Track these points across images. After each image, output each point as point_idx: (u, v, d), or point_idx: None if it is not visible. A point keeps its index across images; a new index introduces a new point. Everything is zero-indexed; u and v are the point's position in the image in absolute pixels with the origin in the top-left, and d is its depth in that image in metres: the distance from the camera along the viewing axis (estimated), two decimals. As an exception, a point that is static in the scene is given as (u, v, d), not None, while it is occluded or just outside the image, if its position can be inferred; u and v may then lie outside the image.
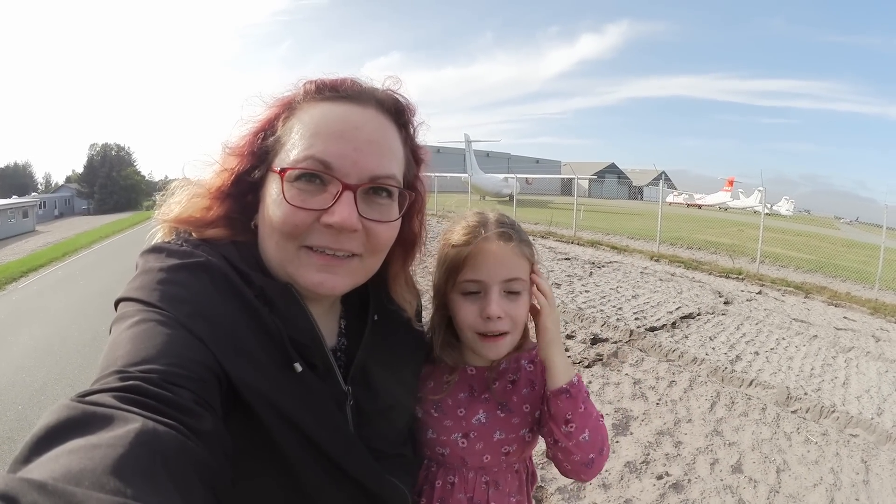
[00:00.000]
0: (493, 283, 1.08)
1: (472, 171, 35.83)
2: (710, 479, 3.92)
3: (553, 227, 20.87)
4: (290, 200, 0.79)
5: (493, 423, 1.15)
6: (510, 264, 1.09)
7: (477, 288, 1.09)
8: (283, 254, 0.82)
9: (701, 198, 63.77)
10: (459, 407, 1.16)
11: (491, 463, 1.15)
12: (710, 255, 15.99)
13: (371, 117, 0.86)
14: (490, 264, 1.08)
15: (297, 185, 0.80)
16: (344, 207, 0.79)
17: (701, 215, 38.98)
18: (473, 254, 1.08)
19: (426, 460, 1.16)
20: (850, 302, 10.77)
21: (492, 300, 1.07)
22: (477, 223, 1.13)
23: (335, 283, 0.84)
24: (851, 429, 4.88)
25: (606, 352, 6.49)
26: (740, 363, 6.34)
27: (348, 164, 0.80)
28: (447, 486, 1.14)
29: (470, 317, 1.09)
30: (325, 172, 0.80)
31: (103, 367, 0.61)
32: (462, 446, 1.13)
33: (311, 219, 0.80)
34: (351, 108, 0.85)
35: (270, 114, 0.87)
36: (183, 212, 0.87)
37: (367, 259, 0.88)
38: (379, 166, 0.84)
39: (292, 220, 0.79)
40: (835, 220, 59.81)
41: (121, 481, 0.42)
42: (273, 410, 0.72)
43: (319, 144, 0.80)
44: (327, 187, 0.81)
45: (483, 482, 1.14)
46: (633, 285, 10.81)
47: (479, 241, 1.09)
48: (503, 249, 1.09)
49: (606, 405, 5.05)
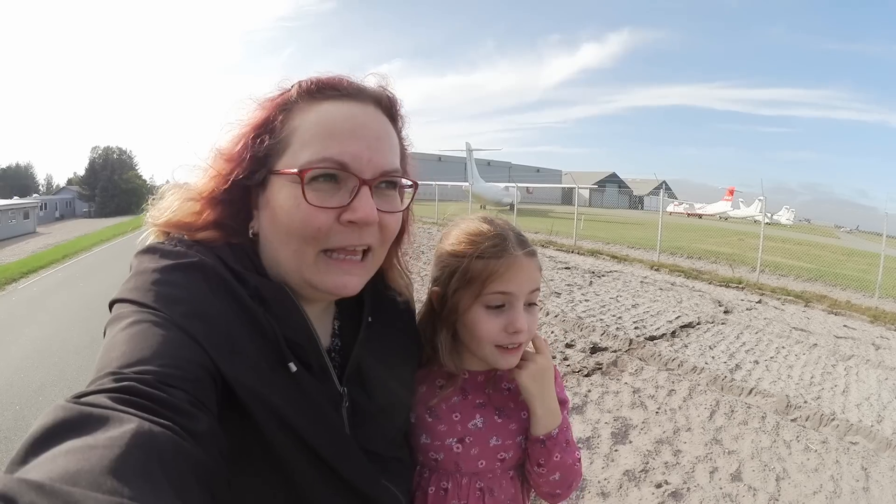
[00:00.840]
0: (520, 297, 1.08)
1: (473, 179, 35.77)
2: (709, 488, 3.90)
3: (553, 236, 20.94)
4: (312, 201, 0.79)
5: (490, 429, 1.14)
6: (534, 277, 1.11)
7: (502, 301, 1.08)
8: (301, 259, 0.83)
9: (701, 207, 63.97)
10: (454, 411, 1.15)
11: (486, 469, 1.14)
12: (710, 264, 15.99)
13: (374, 114, 0.87)
14: (520, 278, 1.08)
15: (315, 186, 0.80)
16: (365, 203, 0.81)
17: (701, 225, 39.01)
18: (505, 266, 1.07)
19: (419, 466, 1.15)
20: (850, 310, 10.78)
21: (519, 314, 1.07)
22: (494, 234, 1.11)
23: (355, 283, 0.86)
24: (851, 436, 4.87)
25: (606, 361, 6.48)
26: (740, 372, 6.34)
27: (364, 163, 0.82)
28: (440, 493, 1.12)
29: (494, 330, 1.08)
30: (342, 171, 0.81)
31: (99, 368, 0.61)
32: (457, 451, 1.12)
33: (332, 219, 0.81)
34: (355, 105, 0.86)
35: (265, 115, 0.85)
36: (173, 216, 0.87)
37: (378, 251, 0.89)
38: (387, 161, 0.86)
39: (315, 223, 0.80)
40: (835, 228, 59.85)
41: (118, 481, 0.42)
42: (267, 410, 0.72)
43: (335, 145, 0.81)
44: (341, 186, 0.82)
45: (477, 488, 1.12)
46: (633, 294, 10.81)
47: (505, 255, 1.08)
48: (527, 262, 1.10)
49: (606, 414, 5.05)
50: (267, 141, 0.84)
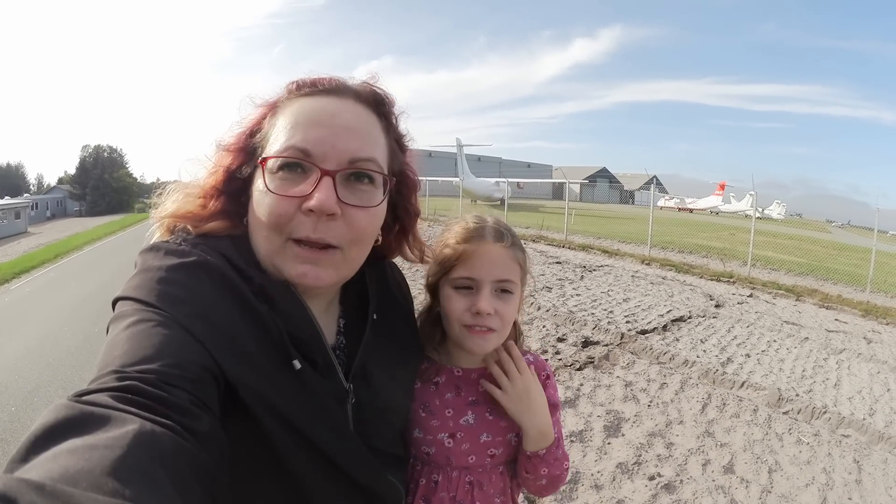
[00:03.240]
0: (485, 282, 1.10)
1: (464, 175, 35.63)
2: (701, 480, 3.94)
3: (544, 230, 20.88)
4: (273, 189, 0.81)
5: (481, 425, 1.16)
6: (503, 266, 1.12)
7: (468, 283, 1.12)
8: (270, 246, 0.84)
9: (692, 202, 63.90)
10: (447, 407, 1.17)
11: (476, 463, 1.16)
12: (701, 258, 16.03)
13: (348, 106, 0.88)
14: (485, 263, 1.11)
15: (280, 175, 0.82)
16: (322, 191, 0.80)
17: (692, 219, 38.99)
18: (468, 252, 1.11)
19: (411, 458, 1.17)
20: (841, 304, 10.85)
21: (483, 296, 1.10)
22: (475, 225, 1.16)
23: (318, 274, 0.84)
24: (843, 429, 4.92)
25: (598, 354, 6.51)
26: (731, 365, 6.38)
27: (327, 149, 0.82)
28: (431, 485, 1.15)
29: (459, 308, 1.11)
30: (304, 160, 0.82)
31: (101, 366, 0.61)
32: (448, 446, 1.14)
33: (294, 207, 0.81)
34: (328, 99, 0.88)
35: (259, 114, 0.91)
36: (179, 208, 0.89)
37: (349, 251, 0.87)
38: (358, 149, 0.85)
39: (277, 210, 0.81)
40: (826, 223, 60.12)
41: (119, 482, 0.43)
42: (271, 411, 0.72)
43: (298, 134, 0.83)
44: (308, 176, 0.82)
45: (467, 482, 1.15)
46: (625, 289, 10.84)
47: (475, 241, 1.12)
48: (498, 250, 1.12)
49: (598, 407, 5.07)
50: (256, 136, 0.89)
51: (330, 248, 0.84)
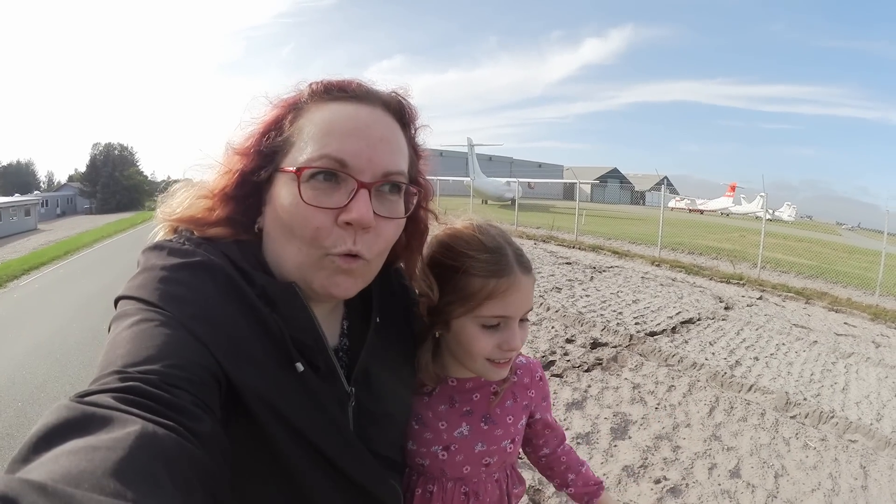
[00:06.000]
0: (517, 318, 1.06)
1: (475, 174, 35.57)
2: (707, 484, 3.91)
3: (555, 231, 20.85)
4: (308, 200, 0.78)
5: (476, 436, 1.14)
6: (531, 297, 1.08)
7: (498, 321, 1.05)
8: (304, 258, 0.81)
9: (703, 203, 63.65)
10: (440, 420, 1.14)
11: (471, 474, 1.14)
12: (711, 260, 15.94)
13: (380, 116, 0.86)
14: (517, 300, 1.04)
15: (312, 185, 0.79)
16: (361, 204, 0.79)
17: (703, 221, 38.83)
18: (501, 289, 1.03)
19: (406, 468, 1.15)
20: (850, 308, 10.75)
21: (515, 333, 1.05)
22: (494, 247, 1.07)
23: (349, 285, 0.84)
24: (850, 434, 4.88)
25: (606, 356, 6.49)
26: (740, 368, 6.33)
27: (363, 162, 0.80)
28: (426, 495, 1.13)
29: (488, 347, 1.05)
30: (340, 170, 0.79)
31: (102, 366, 0.61)
32: (442, 458, 1.12)
33: (331, 220, 0.79)
34: (361, 107, 0.85)
35: (276, 114, 0.86)
36: (185, 212, 0.87)
37: (374, 260, 0.86)
38: (391, 163, 0.84)
39: (314, 223, 0.79)
40: (836, 225, 59.58)
41: (121, 483, 0.42)
42: (273, 412, 0.72)
43: (335, 143, 0.80)
44: (341, 186, 0.80)
45: (462, 492, 1.13)
46: (634, 290, 10.80)
47: (506, 275, 1.04)
48: (528, 284, 1.07)
49: (605, 409, 5.05)
50: (274, 138, 0.84)
51: (359, 258, 0.83)
